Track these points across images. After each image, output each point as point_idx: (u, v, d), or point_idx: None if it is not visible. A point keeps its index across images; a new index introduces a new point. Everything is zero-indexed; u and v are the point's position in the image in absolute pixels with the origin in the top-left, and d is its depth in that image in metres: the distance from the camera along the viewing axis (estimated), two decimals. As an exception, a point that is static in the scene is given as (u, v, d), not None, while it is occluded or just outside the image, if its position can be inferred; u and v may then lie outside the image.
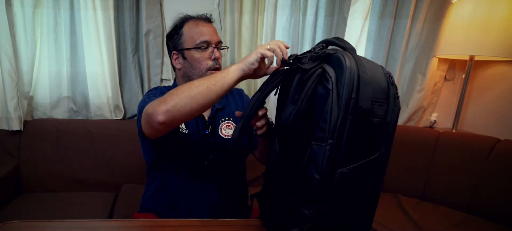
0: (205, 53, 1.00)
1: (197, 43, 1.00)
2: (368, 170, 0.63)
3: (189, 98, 0.74)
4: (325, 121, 0.59)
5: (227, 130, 1.03)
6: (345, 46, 0.65)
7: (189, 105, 0.75)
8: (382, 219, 1.36)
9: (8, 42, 1.40)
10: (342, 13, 1.67)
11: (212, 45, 1.01)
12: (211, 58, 1.00)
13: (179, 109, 0.75)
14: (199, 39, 1.00)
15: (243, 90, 1.19)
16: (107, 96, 1.64)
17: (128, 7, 1.55)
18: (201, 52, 1.00)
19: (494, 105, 1.77)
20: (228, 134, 1.03)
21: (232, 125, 1.04)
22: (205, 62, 1.00)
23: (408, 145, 1.70)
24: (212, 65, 1.00)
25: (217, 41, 1.02)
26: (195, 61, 1.01)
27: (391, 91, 0.63)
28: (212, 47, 1.01)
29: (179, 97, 0.75)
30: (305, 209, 0.64)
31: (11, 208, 1.34)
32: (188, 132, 1.00)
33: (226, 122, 1.04)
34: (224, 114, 1.05)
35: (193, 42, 1.01)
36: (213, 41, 1.01)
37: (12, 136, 1.50)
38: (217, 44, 1.02)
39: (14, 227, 0.73)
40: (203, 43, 1.00)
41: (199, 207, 1.01)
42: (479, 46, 1.58)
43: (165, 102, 0.75)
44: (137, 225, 0.83)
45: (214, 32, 1.03)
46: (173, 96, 0.76)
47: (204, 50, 1.00)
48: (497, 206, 1.40)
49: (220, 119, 1.04)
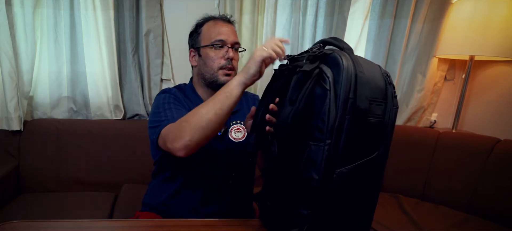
0: (219, 52, 1.00)
1: (212, 41, 1.00)
2: (366, 169, 0.63)
3: (202, 129, 0.78)
4: (323, 121, 0.59)
5: (237, 133, 1.03)
6: (342, 46, 0.65)
7: (204, 135, 0.78)
8: (382, 219, 1.36)
9: (8, 42, 1.40)
10: (342, 13, 1.67)
11: (227, 45, 1.00)
12: (225, 57, 0.99)
13: (196, 141, 0.78)
14: (215, 38, 1.00)
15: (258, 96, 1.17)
16: (107, 96, 1.64)
17: (128, 7, 1.55)
18: (215, 51, 1.00)
19: (494, 105, 1.77)
20: (237, 137, 1.03)
21: (242, 129, 1.04)
22: (218, 60, 0.99)
23: (408, 145, 1.70)
24: (225, 64, 0.99)
25: (233, 41, 1.01)
26: (209, 59, 1.00)
27: (389, 90, 0.62)
28: (227, 47, 1.00)
29: (192, 131, 0.78)
30: (304, 210, 0.64)
31: (11, 208, 1.34)
32: None
33: (236, 126, 1.04)
34: (236, 117, 1.06)
35: (209, 40, 1.01)
36: (228, 41, 1.00)
37: (12, 136, 1.50)
38: (233, 45, 1.02)
39: (14, 227, 0.73)
40: (218, 42, 1.00)
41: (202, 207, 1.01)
42: (479, 46, 1.58)
43: (181, 137, 0.78)
44: (137, 225, 0.83)
45: (232, 33, 1.03)
46: (186, 130, 0.78)
47: (218, 48, 1.00)
48: (497, 206, 1.40)
49: (230, 122, 1.04)
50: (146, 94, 1.67)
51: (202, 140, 0.79)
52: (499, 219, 1.37)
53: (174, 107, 0.93)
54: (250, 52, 1.69)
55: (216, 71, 1.00)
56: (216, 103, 0.78)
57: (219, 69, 0.99)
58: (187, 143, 0.77)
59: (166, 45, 1.67)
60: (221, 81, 0.99)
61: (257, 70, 0.76)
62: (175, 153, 0.79)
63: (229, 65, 0.99)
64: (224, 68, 0.99)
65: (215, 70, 1.00)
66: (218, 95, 0.79)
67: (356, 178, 0.62)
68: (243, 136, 1.04)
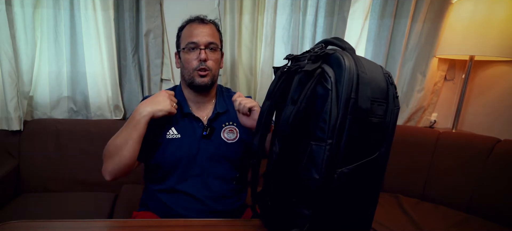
0: (193, 54, 1.02)
1: (186, 44, 1.02)
2: (367, 169, 0.63)
3: (120, 156, 0.91)
4: (325, 121, 0.59)
5: (229, 134, 1.05)
6: (344, 46, 0.65)
7: (124, 159, 0.91)
8: (382, 219, 1.37)
9: (8, 42, 1.40)
10: (342, 13, 1.67)
11: (200, 46, 1.01)
12: (197, 59, 1.01)
13: (120, 167, 0.92)
14: (188, 40, 1.02)
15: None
16: (107, 96, 1.64)
17: (128, 7, 1.55)
18: (189, 53, 1.02)
19: (494, 105, 1.77)
20: (230, 138, 1.04)
21: (235, 130, 1.05)
22: (192, 62, 1.02)
23: (408, 145, 1.70)
24: (198, 66, 1.01)
25: (206, 42, 1.02)
26: (185, 62, 1.03)
27: (390, 91, 0.62)
28: (199, 49, 1.01)
29: (113, 159, 0.91)
30: (305, 209, 0.64)
31: (11, 208, 1.34)
32: (181, 135, 1.01)
33: (229, 127, 1.06)
34: (227, 118, 1.07)
35: (184, 43, 1.03)
36: (201, 42, 1.01)
37: (12, 136, 1.50)
38: (207, 46, 1.02)
39: (14, 227, 0.73)
40: (191, 44, 1.02)
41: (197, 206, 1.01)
42: (479, 46, 1.58)
43: (105, 165, 0.94)
44: (137, 225, 0.83)
45: (207, 33, 1.03)
46: (107, 159, 0.93)
47: (191, 51, 1.02)
48: (497, 206, 1.40)
49: (223, 123, 1.05)
50: (146, 94, 1.67)
51: (126, 164, 0.92)
52: (499, 219, 1.38)
53: None
54: (250, 52, 1.69)
55: (192, 73, 1.02)
56: (127, 130, 0.93)
57: (194, 70, 1.01)
58: (110, 170, 0.93)
59: (166, 45, 1.67)
60: (197, 82, 1.02)
61: (163, 113, 0.93)
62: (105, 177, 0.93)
63: (202, 66, 1.01)
64: (197, 70, 1.01)
65: (191, 72, 1.02)
66: (128, 124, 0.93)
67: (357, 178, 0.62)
68: (235, 137, 1.05)
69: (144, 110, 0.92)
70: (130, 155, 0.91)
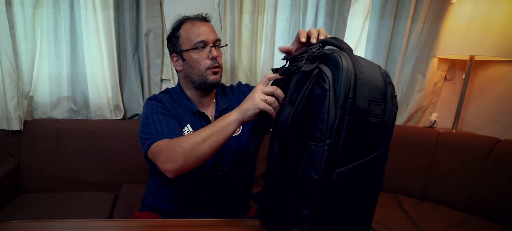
0: (203, 53, 1.01)
1: (194, 44, 1.01)
2: (366, 169, 0.63)
3: (196, 158, 0.81)
4: (323, 121, 0.59)
5: None
6: (341, 46, 0.65)
7: (198, 163, 0.82)
8: (382, 219, 1.36)
9: (8, 42, 1.40)
10: (342, 13, 1.67)
11: (210, 44, 1.01)
12: (209, 57, 1.01)
13: (188, 168, 0.82)
14: (196, 40, 1.01)
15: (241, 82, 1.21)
16: (107, 96, 1.64)
17: (128, 7, 1.55)
18: (198, 53, 1.01)
19: (494, 105, 1.77)
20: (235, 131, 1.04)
21: None
22: (203, 62, 1.01)
23: (408, 145, 1.70)
24: (211, 64, 1.01)
25: (214, 39, 1.02)
26: (194, 62, 1.01)
27: (388, 90, 0.62)
28: (209, 47, 1.01)
29: (186, 159, 0.81)
30: (305, 210, 0.64)
31: (11, 208, 1.34)
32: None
33: None
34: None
35: (190, 43, 1.01)
36: (210, 40, 1.01)
37: (12, 136, 1.50)
38: (214, 43, 1.02)
39: (14, 227, 0.73)
40: (199, 44, 1.01)
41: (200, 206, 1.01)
42: (479, 46, 1.57)
43: (173, 162, 0.82)
44: (138, 225, 0.83)
45: (211, 31, 1.04)
46: (180, 157, 0.81)
47: (201, 50, 1.01)
48: (497, 206, 1.40)
49: None
50: (146, 94, 1.67)
51: (193, 167, 0.82)
52: (499, 219, 1.37)
53: (163, 118, 0.95)
54: (250, 52, 1.69)
55: (204, 72, 1.01)
56: (211, 136, 0.80)
57: (207, 69, 1.01)
58: (178, 169, 0.82)
59: (166, 45, 1.67)
60: (210, 81, 1.01)
61: (254, 113, 0.77)
62: (164, 172, 0.84)
63: (216, 64, 1.01)
64: (211, 68, 1.01)
65: (203, 72, 1.01)
66: (214, 126, 0.81)
67: (356, 178, 0.62)
68: (239, 130, 1.06)
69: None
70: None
